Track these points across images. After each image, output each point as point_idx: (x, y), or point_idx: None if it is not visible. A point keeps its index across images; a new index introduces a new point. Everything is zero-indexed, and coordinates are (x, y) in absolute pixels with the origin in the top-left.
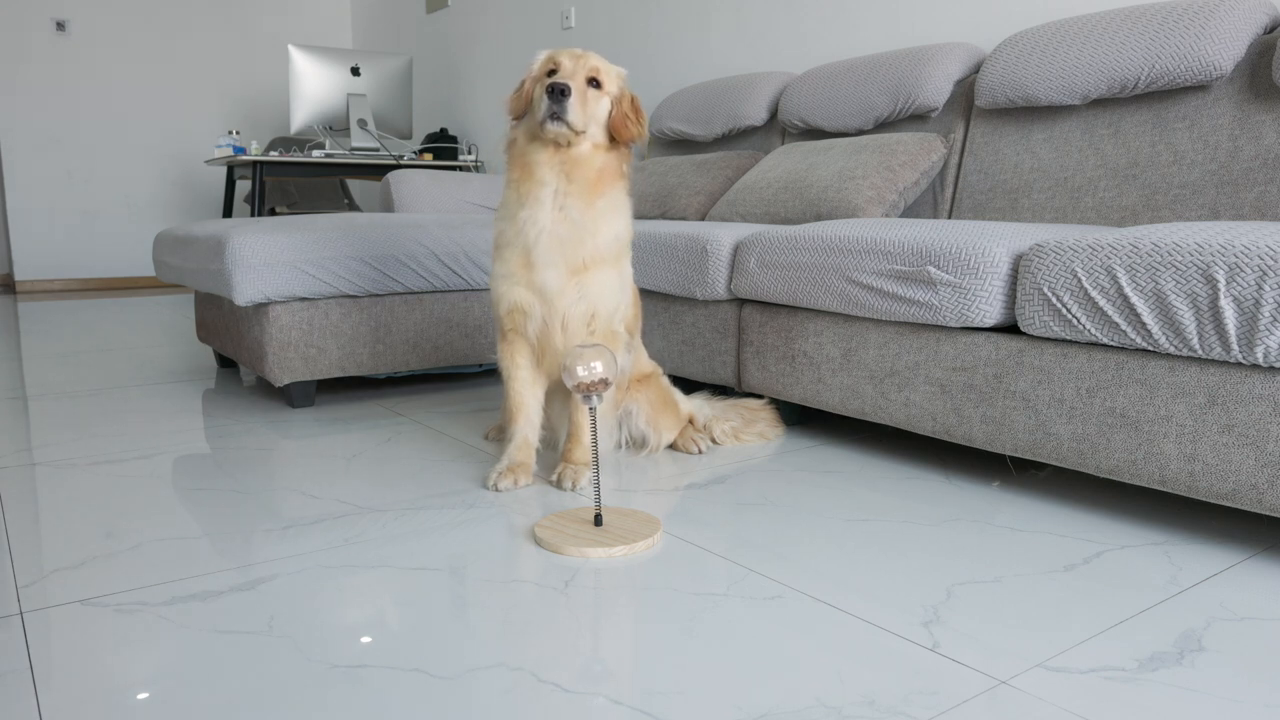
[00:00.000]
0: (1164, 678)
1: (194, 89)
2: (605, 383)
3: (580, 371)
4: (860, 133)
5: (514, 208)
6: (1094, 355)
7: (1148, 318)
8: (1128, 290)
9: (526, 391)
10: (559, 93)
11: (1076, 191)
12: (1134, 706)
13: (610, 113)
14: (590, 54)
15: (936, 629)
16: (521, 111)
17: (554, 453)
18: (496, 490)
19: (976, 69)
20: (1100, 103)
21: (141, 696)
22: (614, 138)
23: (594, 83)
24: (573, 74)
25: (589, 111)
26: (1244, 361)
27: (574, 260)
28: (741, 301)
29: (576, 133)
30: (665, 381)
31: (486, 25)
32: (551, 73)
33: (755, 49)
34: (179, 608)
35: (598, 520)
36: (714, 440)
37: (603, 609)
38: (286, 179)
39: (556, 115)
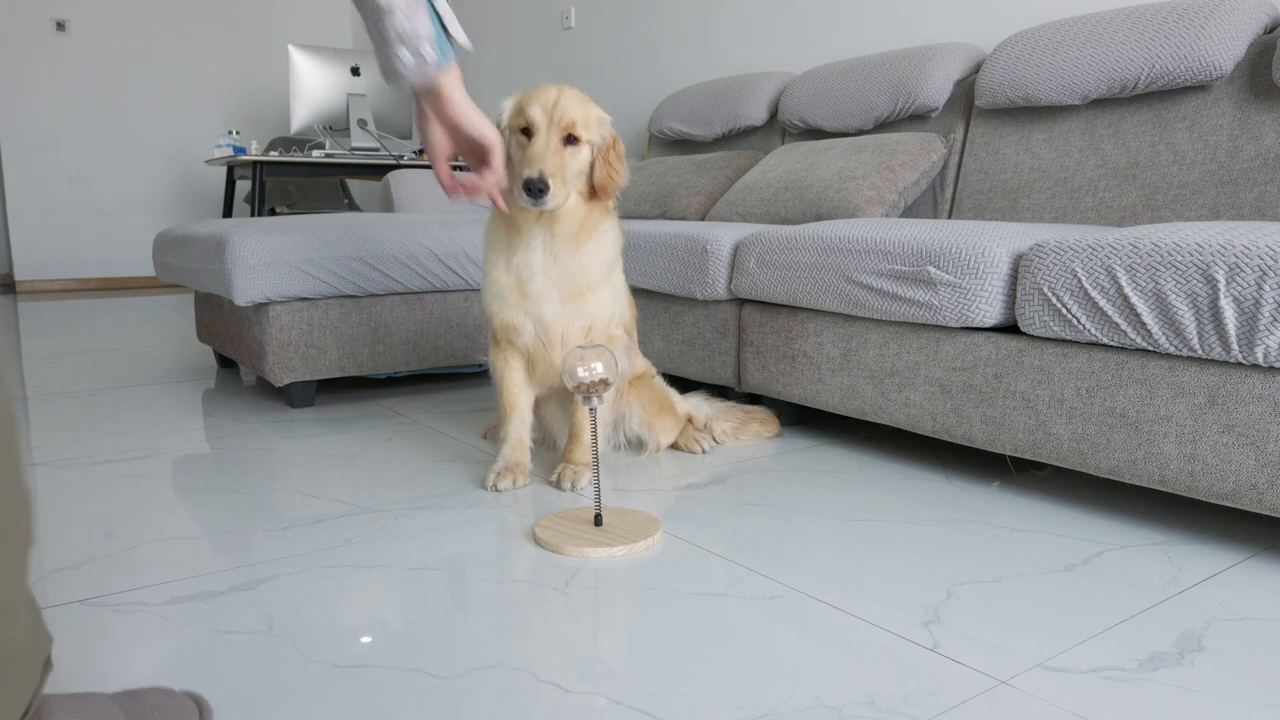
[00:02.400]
0: (1164, 678)
1: (194, 89)
2: (606, 383)
3: (581, 373)
4: (860, 133)
5: (503, 251)
6: (1094, 355)
7: (1148, 318)
8: (1128, 290)
9: (519, 392)
10: (537, 191)
11: (1076, 191)
12: (1134, 706)
13: (593, 164)
14: (564, 98)
15: (936, 629)
16: None
17: (553, 453)
18: (496, 491)
19: (976, 69)
20: (1100, 103)
21: None
22: (595, 193)
23: (571, 139)
24: (546, 137)
25: (568, 177)
26: (1244, 361)
27: (568, 292)
28: (741, 301)
29: (557, 205)
30: (659, 381)
31: (486, 25)
32: (524, 129)
33: (755, 49)
34: (179, 608)
35: (597, 520)
36: (715, 440)
37: (603, 609)
38: (286, 179)
39: (535, 200)
